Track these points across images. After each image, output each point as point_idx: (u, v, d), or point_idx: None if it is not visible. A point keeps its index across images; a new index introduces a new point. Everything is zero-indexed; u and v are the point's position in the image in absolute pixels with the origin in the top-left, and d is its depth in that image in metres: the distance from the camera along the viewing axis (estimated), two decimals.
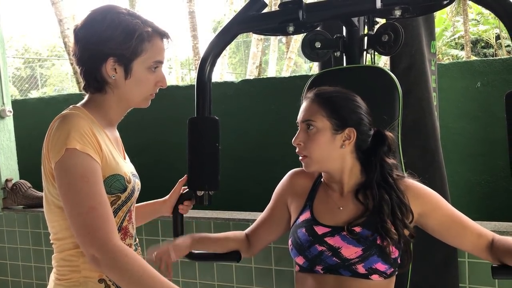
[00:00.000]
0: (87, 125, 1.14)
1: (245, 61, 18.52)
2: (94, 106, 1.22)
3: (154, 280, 1.09)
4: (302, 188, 1.45)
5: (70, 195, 1.09)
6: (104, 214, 1.10)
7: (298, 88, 1.69)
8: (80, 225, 1.09)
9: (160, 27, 1.25)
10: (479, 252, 1.31)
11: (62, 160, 1.09)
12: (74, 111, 1.17)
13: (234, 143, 2.72)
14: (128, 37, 1.17)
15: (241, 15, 1.50)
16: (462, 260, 1.94)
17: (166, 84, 1.27)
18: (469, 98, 2.34)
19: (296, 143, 1.36)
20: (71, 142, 1.09)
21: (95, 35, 1.17)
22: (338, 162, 1.35)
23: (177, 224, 1.50)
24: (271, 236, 1.53)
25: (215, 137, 1.47)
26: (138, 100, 1.25)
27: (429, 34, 2.06)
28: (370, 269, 1.28)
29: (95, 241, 1.07)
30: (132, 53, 1.18)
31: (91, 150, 1.12)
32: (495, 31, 14.94)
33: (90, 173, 1.10)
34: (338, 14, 1.49)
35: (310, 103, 1.36)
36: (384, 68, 1.64)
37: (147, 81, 1.23)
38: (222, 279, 2.39)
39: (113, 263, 1.07)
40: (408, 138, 1.74)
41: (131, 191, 1.24)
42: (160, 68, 1.25)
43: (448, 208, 1.35)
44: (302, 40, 1.80)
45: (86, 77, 1.22)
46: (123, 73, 1.19)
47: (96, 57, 1.18)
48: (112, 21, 1.17)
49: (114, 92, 1.22)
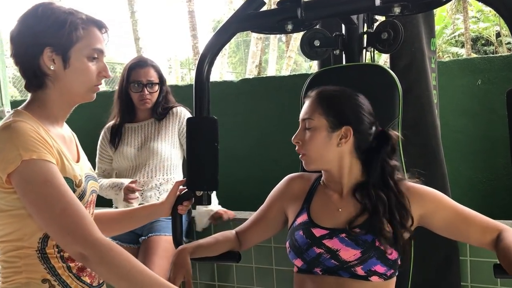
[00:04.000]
0: (33, 130, 1.11)
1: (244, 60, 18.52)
2: (37, 106, 1.19)
3: (142, 274, 1.08)
4: (298, 192, 1.44)
5: (39, 202, 1.08)
6: (77, 212, 1.09)
7: (298, 87, 1.68)
8: (57, 228, 1.08)
9: (95, 17, 1.23)
10: (485, 247, 1.30)
11: (19, 170, 1.07)
12: (16, 118, 1.13)
13: (234, 143, 2.71)
14: (61, 25, 1.15)
15: (239, 13, 1.49)
16: (464, 258, 1.93)
17: (109, 75, 1.24)
18: (469, 95, 2.33)
19: (295, 142, 1.37)
20: (26, 153, 1.07)
21: (28, 29, 1.16)
22: (336, 161, 1.35)
23: (176, 224, 1.49)
24: (262, 237, 1.53)
25: (214, 137, 1.46)
26: (82, 92, 1.22)
27: (429, 31, 2.04)
28: (369, 271, 1.27)
29: (77, 239, 1.07)
30: (67, 40, 1.16)
31: (47, 155, 1.10)
32: (496, 28, 14.93)
33: (52, 177, 1.09)
34: (337, 12, 1.48)
35: (310, 102, 1.37)
36: (384, 66, 1.63)
37: (88, 71, 1.20)
38: (222, 279, 2.39)
39: (100, 258, 1.07)
40: (408, 137, 1.73)
41: (81, 195, 1.20)
42: (101, 57, 1.22)
43: (451, 205, 1.34)
44: (301, 39, 1.79)
45: (25, 74, 1.19)
46: (62, 63, 1.17)
47: (32, 50, 1.16)
48: (44, 13, 1.16)
49: (55, 85, 1.19)
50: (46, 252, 1.16)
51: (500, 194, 2.30)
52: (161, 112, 2.28)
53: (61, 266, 1.17)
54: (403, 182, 1.36)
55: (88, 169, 1.31)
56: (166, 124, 2.27)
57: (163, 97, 2.29)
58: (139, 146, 2.26)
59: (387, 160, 1.34)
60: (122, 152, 2.26)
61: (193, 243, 1.44)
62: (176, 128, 2.27)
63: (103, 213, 1.46)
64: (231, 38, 1.55)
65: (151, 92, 2.22)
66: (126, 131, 2.29)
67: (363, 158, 1.36)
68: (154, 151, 2.22)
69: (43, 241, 1.15)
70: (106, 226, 1.44)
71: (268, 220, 1.49)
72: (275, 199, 1.49)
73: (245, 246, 1.53)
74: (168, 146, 2.24)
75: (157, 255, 2.09)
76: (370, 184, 1.32)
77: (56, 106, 1.21)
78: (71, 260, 1.19)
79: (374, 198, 1.30)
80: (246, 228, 1.52)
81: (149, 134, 2.26)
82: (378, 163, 1.33)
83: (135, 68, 2.24)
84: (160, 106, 2.28)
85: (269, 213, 1.49)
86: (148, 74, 2.23)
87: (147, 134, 2.26)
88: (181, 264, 1.37)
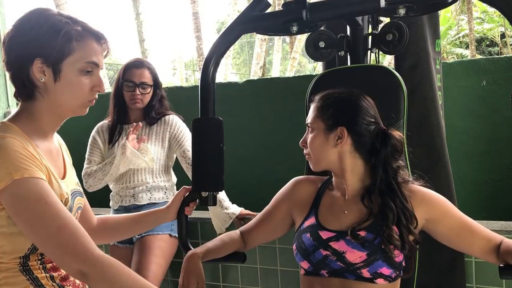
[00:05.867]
0: (22, 146, 1.07)
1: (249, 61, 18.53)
2: (26, 117, 1.14)
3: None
4: (306, 196, 1.45)
5: (33, 221, 1.04)
6: (75, 229, 1.06)
7: (303, 88, 1.68)
8: (55, 246, 1.05)
9: (94, 27, 1.17)
10: (487, 256, 1.30)
11: (9, 189, 1.03)
12: (5, 134, 1.07)
13: (238, 144, 2.72)
14: (54, 36, 1.09)
15: (245, 15, 1.49)
16: (468, 260, 1.93)
17: (103, 89, 1.18)
18: (474, 96, 2.33)
19: (301, 145, 1.42)
20: (17, 172, 1.03)
21: (20, 36, 1.11)
22: (337, 162, 1.36)
23: (182, 226, 1.49)
24: (267, 238, 1.54)
25: (219, 138, 1.47)
26: (72, 107, 1.16)
27: (433, 32, 2.05)
28: (375, 274, 1.27)
29: (76, 257, 1.04)
30: (59, 52, 1.10)
31: (38, 172, 1.06)
32: (500, 29, 14.88)
33: (46, 194, 1.05)
34: (342, 13, 1.48)
35: (313, 106, 1.41)
36: (388, 67, 1.63)
37: (80, 85, 1.14)
38: (227, 279, 2.39)
39: (101, 275, 1.04)
40: (413, 137, 1.73)
41: None
42: (96, 71, 1.16)
43: (457, 214, 1.34)
44: (306, 40, 1.79)
45: (15, 82, 1.14)
46: (52, 76, 1.11)
47: (22, 58, 1.11)
48: (38, 20, 1.11)
49: (45, 97, 1.13)
50: (28, 264, 1.12)
51: (505, 195, 2.29)
52: (153, 116, 2.28)
53: (44, 277, 1.14)
54: (408, 185, 1.36)
55: (75, 184, 1.27)
56: (156, 130, 2.28)
57: (158, 101, 2.29)
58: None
59: (389, 162, 1.34)
60: (114, 152, 2.24)
61: (202, 248, 1.43)
62: (167, 134, 2.27)
63: (110, 218, 1.46)
64: (236, 39, 1.55)
65: (143, 93, 2.23)
66: (119, 132, 2.30)
67: (367, 159, 1.36)
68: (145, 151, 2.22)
69: (25, 258, 1.12)
70: (113, 231, 1.45)
71: (274, 222, 1.49)
72: (282, 202, 1.49)
73: (249, 247, 1.53)
74: (159, 149, 2.26)
75: (154, 254, 2.14)
76: (376, 189, 1.32)
77: (45, 119, 1.16)
78: (54, 270, 1.16)
79: (381, 205, 1.31)
80: (251, 229, 1.52)
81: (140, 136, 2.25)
82: (380, 165, 1.33)
83: (131, 68, 2.25)
84: (154, 110, 2.28)
85: (275, 215, 1.49)
86: (142, 75, 2.23)
87: (138, 136, 2.24)
88: (193, 271, 1.37)
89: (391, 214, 1.28)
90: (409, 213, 1.30)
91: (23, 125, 1.13)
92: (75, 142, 1.47)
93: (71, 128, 1.60)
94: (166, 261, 2.20)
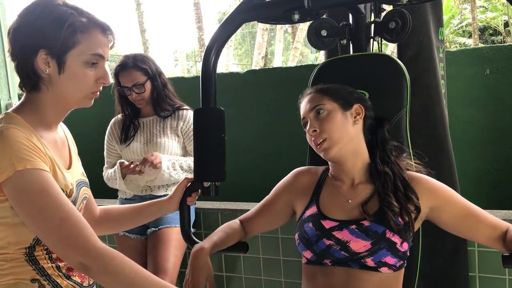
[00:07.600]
0: (25, 137, 1.06)
1: (250, 52, 18.47)
2: (30, 109, 1.14)
3: (147, 280, 1.06)
4: (306, 185, 1.44)
5: (35, 212, 1.04)
6: (77, 221, 1.05)
7: (305, 78, 1.67)
8: (57, 239, 1.04)
9: (100, 18, 1.15)
10: (493, 244, 1.29)
11: (12, 180, 1.03)
12: (8, 124, 1.07)
13: (240, 134, 2.71)
14: (58, 27, 1.08)
15: (246, 3, 1.48)
16: (471, 249, 1.93)
17: (109, 81, 1.17)
18: (478, 85, 2.31)
19: (311, 131, 1.36)
20: (20, 163, 1.03)
21: (25, 26, 1.10)
22: (355, 142, 1.37)
23: (184, 216, 1.49)
24: (267, 228, 1.53)
25: (221, 128, 1.46)
26: (77, 99, 1.16)
27: (437, 20, 2.03)
28: (379, 262, 1.27)
29: (79, 250, 1.04)
30: (63, 44, 1.09)
31: (41, 163, 1.06)
32: (504, 18, 14.77)
33: (48, 185, 1.05)
34: (344, 1, 1.47)
35: (311, 95, 1.40)
36: (391, 55, 1.62)
37: (84, 77, 1.13)
38: (230, 269, 2.40)
39: (103, 268, 1.04)
40: (416, 126, 1.72)
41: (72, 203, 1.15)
42: (101, 63, 1.15)
43: (461, 201, 1.33)
44: (308, 29, 1.78)
45: (20, 73, 1.13)
46: (56, 67, 1.10)
47: (27, 49, 1.10)
48: (43, 11, 1.10)
49: (49, 89, 1.13)
50: (34, 255, 1.12)
51: (508, 184, 2.28)
52: (166, 108, 2.27)
53: (50, 267, 1.14)
54: (412, 173, 1.36)
55: (80, 175, 1.26)
56: (171, 123, 2.28)
57: (162, 91, 2.26)
58: (146, 142, 2.28)
59: (385, 138, 1.39)
60: (130, 147, 2.28)
61: (209, 242, 1.40)
62: (179, 128, 2.27)
63: (113, 209, 1.46)
64: (237, 28, 1.54)
65: (139, 93, 2.22)
66: (132, 127, 2.31)
67: (368, 139, 1.40)
68: (161, 147, 2.24)
69: (30, 248, 1.12)
70: (116, 222, 1.45)
71: (275, 212, 1.49)
72: (283, 192, 1.48)
73: (249, 236, 1.53)
74: (175, 143, 2.26)
75: (173, 246, 2.18)
76: (377, 161, 1.36)
77: (49, 110, 1.15)
78: (60, 260, 1.15)
79: (382, 173, 1.33)
80: (251, 218, 1.52)
81: (154, 130, 2.28)
82: (379, 141, 1.39)
83: (120, 73, 2.24)
84: (163, 102, 2.26)
85: (275, 205, 1.49)
86: (131, 77, 2.20)
87: (152, 130, 2.27)
88: (202, 266, 1.35)
89: (390, 181, 1.31)
90: (405, 182, 1.32)
91: (27, 116, 1.12)
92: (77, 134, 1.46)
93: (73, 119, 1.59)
94: (182, 253, 2.24)
